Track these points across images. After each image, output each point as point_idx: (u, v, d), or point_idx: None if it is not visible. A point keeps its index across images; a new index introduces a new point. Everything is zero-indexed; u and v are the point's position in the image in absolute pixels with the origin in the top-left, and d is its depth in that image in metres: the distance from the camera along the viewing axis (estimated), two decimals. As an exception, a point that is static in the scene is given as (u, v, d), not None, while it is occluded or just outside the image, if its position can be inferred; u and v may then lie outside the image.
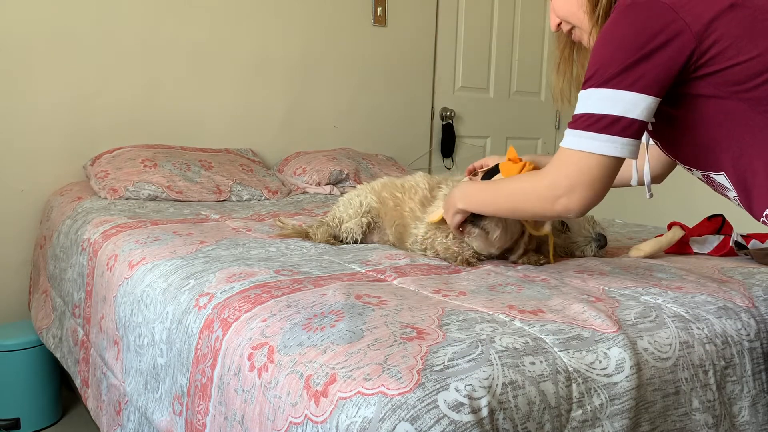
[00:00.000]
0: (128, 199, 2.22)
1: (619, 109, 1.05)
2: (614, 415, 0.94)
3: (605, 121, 1.05)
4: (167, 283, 1.36)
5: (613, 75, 1.04)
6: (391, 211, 1.64)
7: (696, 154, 1.16)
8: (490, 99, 3.64)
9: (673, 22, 1.03)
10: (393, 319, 1.01)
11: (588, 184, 1.09)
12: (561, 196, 1.11)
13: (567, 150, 1.11)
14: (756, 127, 1.06)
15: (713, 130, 1.10)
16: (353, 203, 1.68)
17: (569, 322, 1.04)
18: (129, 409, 1.43)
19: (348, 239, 1.66)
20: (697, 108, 1.09)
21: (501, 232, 1.40)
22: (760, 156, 1.08)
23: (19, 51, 2.37)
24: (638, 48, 1.03)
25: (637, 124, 1.05)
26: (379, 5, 3.16)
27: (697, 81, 1.06)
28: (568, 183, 1.10)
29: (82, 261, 1.80)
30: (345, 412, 0.82)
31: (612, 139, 1.06)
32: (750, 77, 1.03)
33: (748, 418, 1.13)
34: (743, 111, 1.06)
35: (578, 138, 1.09)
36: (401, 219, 1.61)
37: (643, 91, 1.04)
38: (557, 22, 1.27)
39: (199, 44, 2.73)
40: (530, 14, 3.70)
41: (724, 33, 1.03)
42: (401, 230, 1.61)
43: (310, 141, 3.01)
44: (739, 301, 1.23)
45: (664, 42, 1.03)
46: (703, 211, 1.79)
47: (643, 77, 1.03)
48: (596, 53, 1.08)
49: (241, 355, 1.04)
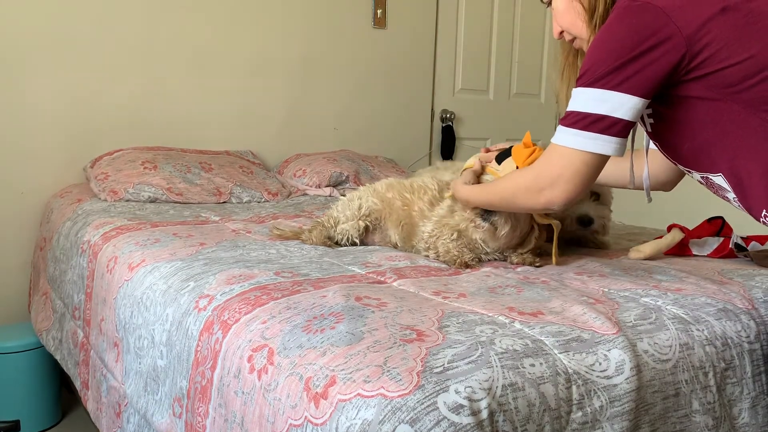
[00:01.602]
0: (128, 201, 2.22)
1: (605, 109, 1.09)
2: (614, 417, 0.94)
3: (590, 119, 1.10)
4: (167, 285, 1.36)
5: (602, 75, 1.08)
6: (397, 211, 1.63)
7: (692, 156, 1.17)
8: (489, 101, 3.65)
9: (664, 26, 1.05)
10: (393, 321, 1.01)
11: (569, 178, 1.14)
12: (545, 188, 1.17)
13: (554, 145, 1.16)
14: (749, 128, 1.08)
15: (707, 131, 1.11)
16: (352, 205, 1.67)
17: (569, 324, 1.04)
18: (129, 411, 1.43)
19: (343, 241, 1.65)
20: (691, 109, 1.11)
21: (509, 230, 1.44)
22: (754, 157, 1.09)
23: (20, 52, 2.37)
24: (628, 50, 1.07)
25: (621, 124, 1.09)
26: (379, 7, 3.16)
27: (690, 83, 1.08)
28: (552, 177, 1.15)
29: (82, 263, 1.80)
30: (345, 414, 0.82)
31: (595, 136, 1.10)
32: (742, 79, 1.05)
33: (748, 419, 1.13)
34: (736, 112, 1.07)
35: (565, 134, 1.13)
36: (409, 219, 1.60)
37: (629, 91, 1.07)
38: (559, 31, 1.30)
39: (200, 46, 2.73)
40: (530, 16, 3.70)
41: (716, 36, 1.05)
42: (409, 230, 1.61)
43: (310, 143, 3.01)
44: (739, 302, 1.23)
45: (654, 45, 1.06)
46: (702, 214, 1.79)
47: (630, 78, 1.07)
48: (589, 53, 1.12)
49: (240, 357, 1.04)
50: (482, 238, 1.48)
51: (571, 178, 1.14)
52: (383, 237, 1.68)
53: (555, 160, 1.15)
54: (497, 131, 3.67)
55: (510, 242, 1.49)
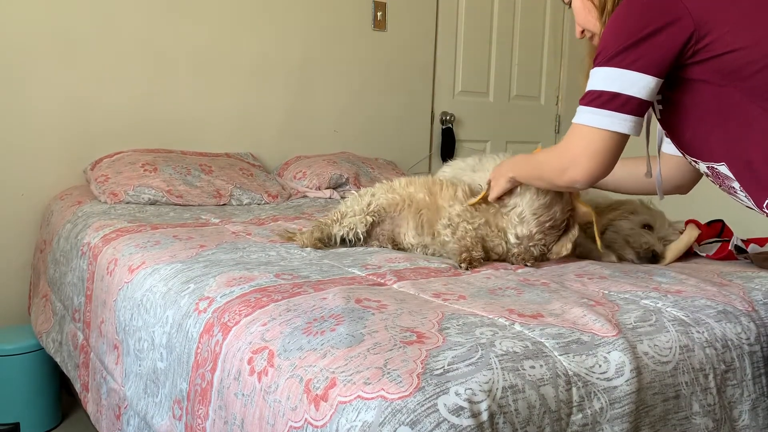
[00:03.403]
0: (128, 203, 2.22)
1: (618, 86, 1.12)
2: (614, 419, 0.94)
3: (605, 96, 1.14)
4: (167, 287, 1.36)
5: (615, 54, 1.12)
6: (418, 202, 1.62)
7: (697, 143, 1.20)
8: (489, 103, 3.65)
9: (674, 6, 1.09)
10: (393, 323, 1.01)
11: (590, 156, 1.17)
12: (568, 167, 1.22)
13: (574, 124, 1.20)
14: (750, 116, 1.10)
15: (710, 118, 1.14)
16: (362, 201, 1.67)
17: (569, 326, 1.04)
18: (129, 414, 1.43)
19: (350, 236, 1.63)
20: (696, 94, 1.14)
21: (529, 215, 1.46)
22: (755, 146, 1.11)
23: (21, 54, 2.38)
24: (639, 29, 1.10)
25: (635, 101, 1.13)
26: (379, 10, 3.17)
27: (696, 66, 1.11)
28: (573, 155, 1.20)
29: (82, 265, 1.80)
30: (345, 417, 0.82)
31: (611, 114, 1.14)
32: (744, 66, 1.08)
33: (749, 422, 1.13)
34: (738, 100, 1.10)
35: (583, 113, 1.18)
36: (434, 206, 1.60)
37: (642, 70, 1.11)
38: (581, 30, 1.35)
39: (200, 48, 2.73)
40: (530, 18, 3.70)
41: (723, 20, 1.08)
42: (431, 215, 1.59)
43: (310, 145, 3.01)
44: (739, 304, 1.23)
45: (664, 24, 1.09)
46: (704, 215, 1.79)
47: (642, 57, 1.11)
48: (604, 35, 1.17)
49: (241, 359, 1.04)
50: (508, 220, 1.48)
51: (592, 157, 1.17)
52: (392, 229, 1.65)
53: (575, 140, 1.20)
54: (497, 133, 3.67)
55: (531, 232, 1.48)
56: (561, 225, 1.51)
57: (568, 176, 1.22)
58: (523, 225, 1.48)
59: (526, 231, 1.48)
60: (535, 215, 1.46)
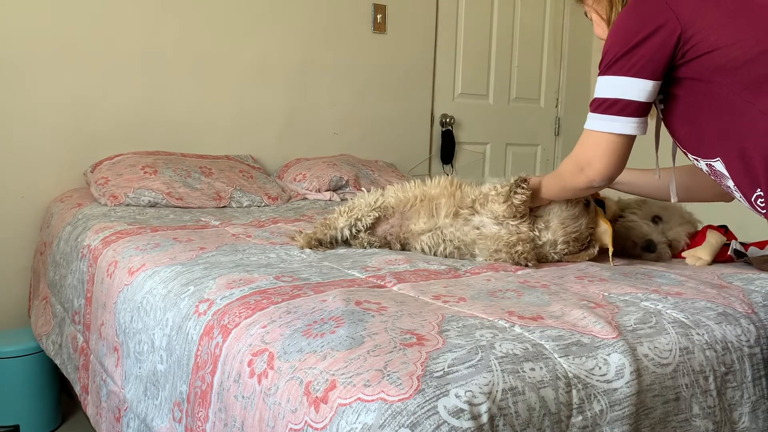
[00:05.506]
0: (128, 205, 2.22)
1: (618, 92, 1.23)
2: (614, 421, 0.94)
3: (607, 103, 1.24)
4: (167, 289, 1.36)
5: (613, 62, 1.22)
6: (433, 196, 1.65)
7: (694, 140, 1.25)
8: (489, 105, 3.65)
9: (662, 11, 1.18)
10: (393, 325, 1.01)
11: (601, 157, 1.28)
12: (584, 168, 1.32)
13: (585, 130, 1.31)
14: (737, 112, 1.15)
15: (702, 113, 1.21)
16: (370, 198, 1.70)
17: (569, 328, 1.04)
18: (129, 416, 1.43)
19: (357, 226, 1.65)
20: (687, 91, 1.22)
21: (557, 223, 1.53)
22: (743, 141, 1.15)
23: (21, 57, 2.38)
24: (632, 37, 1.20)
25: (635, 105, 1.22)
26: (378, 12, 3.17)
27: (686, 65, 1.19)
28: (587, 158, 1.31)
29: (82, 267, 1.80)
30: (345, 419, 0.82)
31: (614, 118, 1.24)
32: (727, 62, 1.15)
33: (749, 424, 1.13)
34: (726, 96, 1.16)
35: (591, 120, 1.28)
36: (451, 196, 1.63)
37: (636, 75, 1.20)
38: (600, 39, 1.43)
39: (201, 51, 2.73)
40: (530, 21, 3.70)
41: (707, 20, 1.16)
42: (448, 202, 1.62)
43: (310, 147, 3.02)
44: (739, 306, 1.23)
45: (654, 30, 1.18)
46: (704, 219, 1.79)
47: (637, 63, 1.20)
48: (604, 45, 1.27)
49: (241, 361, 1.04)
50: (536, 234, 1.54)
51: (603, 157, 1.28)
52: (401, 223, 1.66)
53: (587, 143, 1.31)
54: (497, 136, 3.68)
55: (568, 237, 1.53)
56: (584, 240, 1.57)
57: (586, 176, 1.32)
58: (548, 231, 1.54)
59: (551, 237, 1.54)
60: (563, 225, 1.53)
